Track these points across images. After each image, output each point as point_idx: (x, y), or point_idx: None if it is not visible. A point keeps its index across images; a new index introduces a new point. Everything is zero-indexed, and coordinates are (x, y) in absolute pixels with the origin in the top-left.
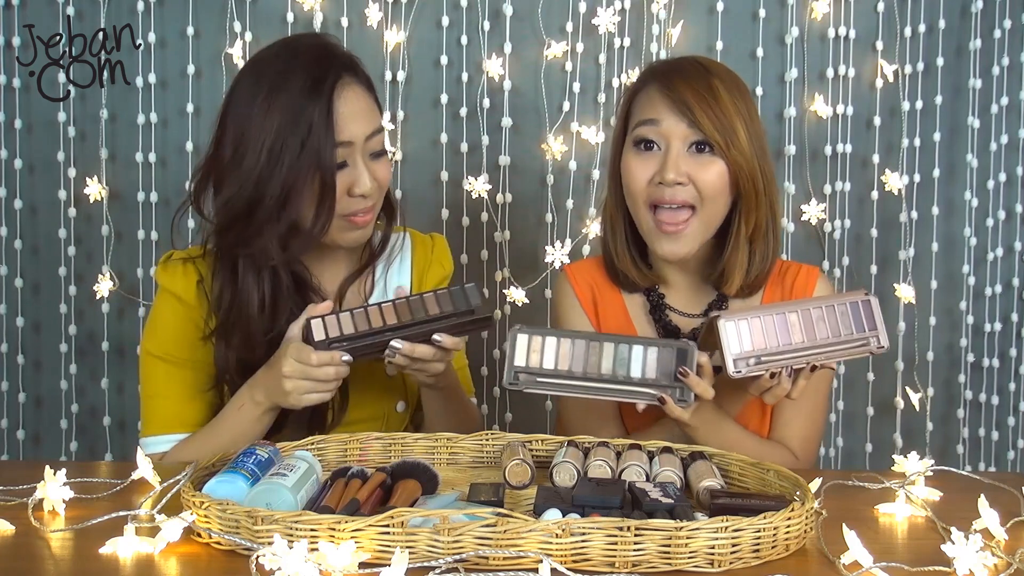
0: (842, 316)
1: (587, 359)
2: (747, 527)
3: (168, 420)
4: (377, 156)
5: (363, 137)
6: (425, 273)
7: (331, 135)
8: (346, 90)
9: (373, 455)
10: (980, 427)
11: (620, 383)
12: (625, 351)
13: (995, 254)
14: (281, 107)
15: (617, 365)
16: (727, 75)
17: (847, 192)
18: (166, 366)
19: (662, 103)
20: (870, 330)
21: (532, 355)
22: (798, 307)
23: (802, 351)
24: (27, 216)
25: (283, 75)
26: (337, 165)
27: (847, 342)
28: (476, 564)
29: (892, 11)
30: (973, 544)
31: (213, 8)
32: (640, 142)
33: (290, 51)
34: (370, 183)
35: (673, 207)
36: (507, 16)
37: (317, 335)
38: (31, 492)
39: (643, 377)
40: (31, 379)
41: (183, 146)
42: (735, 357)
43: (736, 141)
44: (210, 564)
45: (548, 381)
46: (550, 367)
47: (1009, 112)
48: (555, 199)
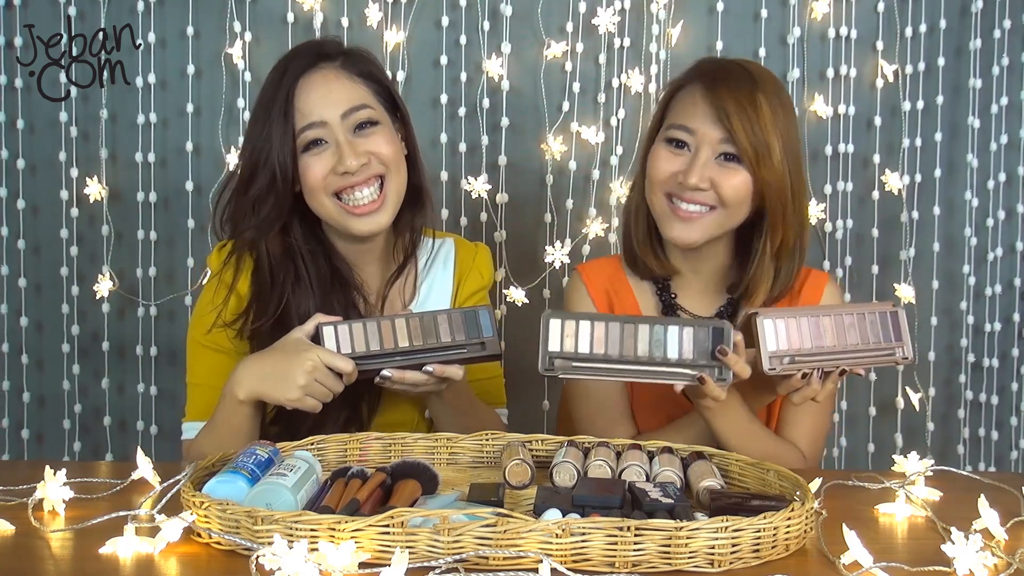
0: (871, 325)
1: (622, 342)
2: (747, 527)
3: (204, 408)
4: (365, 127)
5: (337, 115)
6: (464, 281)
7: (287, 120)
8: (313, 75)
9: (373, 455)
10: (980, 427)
11: (657, 364)
12: (661, 332)
13: (995, 254)
14: (256, 104)
15: (653, 347)
16: (772, 87)
17: (848, 192)
18: (208, 353)
19: (703, 107)
20: (896, 341)
21: (566, 340)
22: (831, 312)
23: (833, 354)
24: (29, 216)
25: (270, 77)
26: (310, 143)
27: (875, 350)
28: (476, 564)
29: (892, 11)
30: (973, 544)
31: (213, 8)
32: (672, 140)
33: (285, 56)
34: (352, 159)
35: (692, 205)
36: (507, 16)
37: (328, 345)
38: (31, 492)
39: (680, 358)
40: (34, 379)
41: (183, 146)
42: (771, 355)
43: (769, 158)
44: (210, 564)
45: (584, 366)
46: (585, 351)
47: (1009, 112)
48: (555, 199)
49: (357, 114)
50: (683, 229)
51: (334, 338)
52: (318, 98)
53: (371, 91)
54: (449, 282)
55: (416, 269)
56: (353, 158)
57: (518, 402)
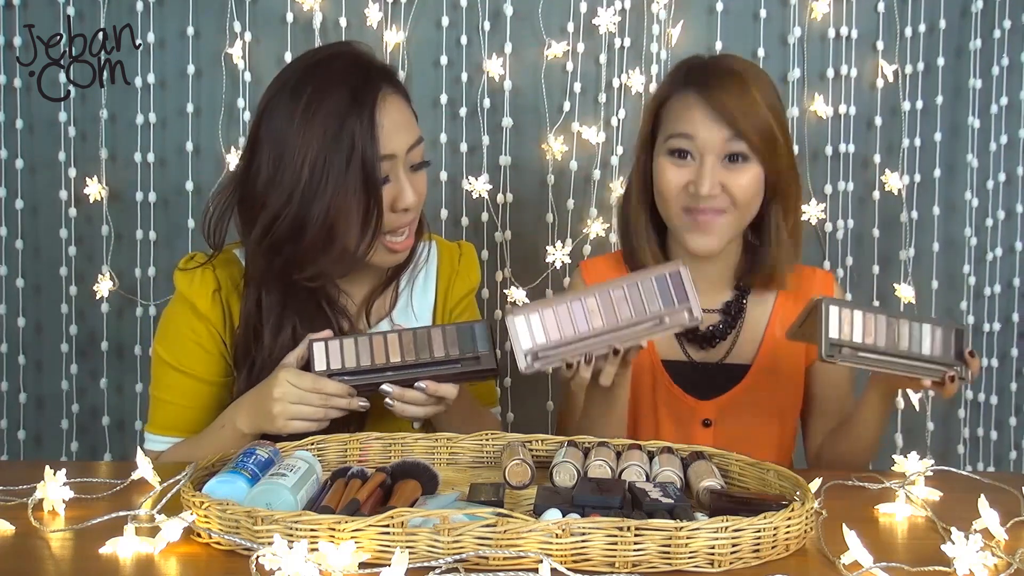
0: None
1: (887, 335)
2: (747, 527)
3: (169, 423)
4: (417, 168)
5: (405, 149)
6: (451, 287)
7: (376, 149)
8: (387, 101)
9: (373, 455)
10: (980, 427)
11: (915, 359)
12: (918, 329)
13: (995, 254)
14: (322, 122)
15: (912, 342)
16: (753, 72)
17: (848, 192)
18: (174, 373)
19: (700, 112)
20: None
21: (843, 328)
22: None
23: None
24: (28, 216)
25: (321, 89)
26: (382, 180)
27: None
28: (476, 564)
29: (892, 11)
30: (973, 544)
31: (213, 8)
32: (675, 151)
33: (325, 64)
34: (413, 197)
35: (706, 213)
36: (507, 16)
37: (318, 364)
38: (31, 492)
39: (931, 354)
40: (32, 379)
41: (183, 146)
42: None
43: (776, 143)
44: (210, 564)
45: (862, 355)
46: (859, 341)
47: (1009, 112)
48: (556, 199)
49: (417, 149)
50: (703, 240)
51: (324, 354)
52: (391, 126)
53: (415, 117)
54: (432, 289)
55: (397, 278)
56: (413, 196)
57: (522, 404)
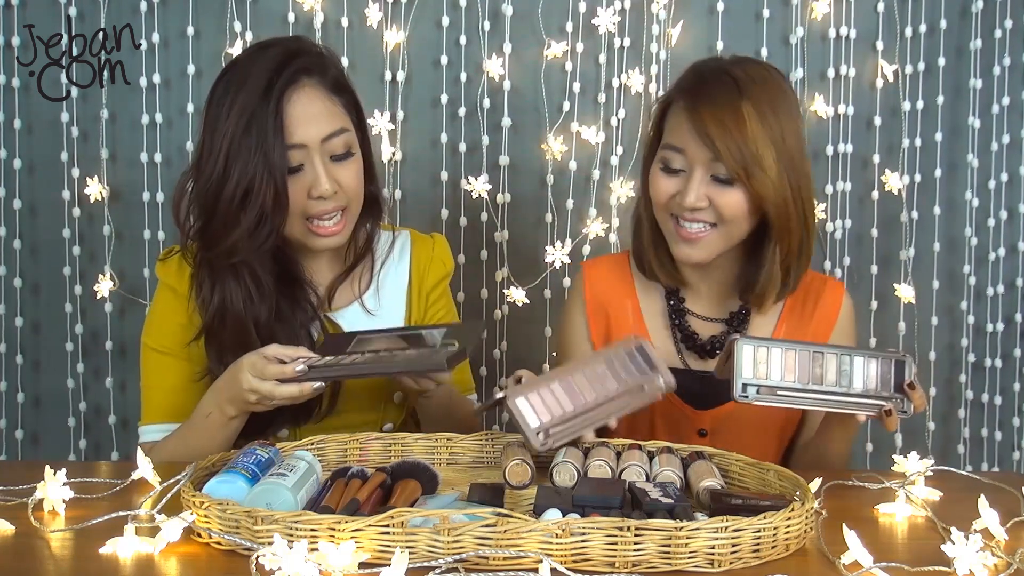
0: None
1: (811, 370)
2: (747, 527)
3: (162, 410)
4: (340, 159)
5: (318, 139)
6: (426, 273)
7: (280, 139)
8: (299, 92)
9: (373, 455)
10: (982, 427)
11: (844, 395)
12: (847, 362)
13: (996, 254)
14: (238, 110)
15: (840, 376)
16: (760, 92)
17: (848, 192)
18: (161, 357)
19: (687, 128)
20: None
21: (759, 367)
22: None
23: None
24: (26, 216)
25: (244, 78)
26: (291, 168)
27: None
28: (476, 564)
29: (892, 11)
30: (973, 544)
31: (213, 8)
32: (666, 161)
33: (258, 54)
34: (327, 184)
35: (693, 224)
36: (507, 16)
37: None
38: (31, 492)
39: (864, 388)
40: (30, 379)
41: (183, 146)
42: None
43: (760, 171)
44: (210, 564)
45: (780, 395)
46: (776, 379)
47: (1010, 112)
48: (555, 199)
49: (337, 140)
50: (689, 250)
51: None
52: (302, 118)
53: (343, 106)
54: (405, 275)
55: (372, 262)
56: (328, 183)
57: None
